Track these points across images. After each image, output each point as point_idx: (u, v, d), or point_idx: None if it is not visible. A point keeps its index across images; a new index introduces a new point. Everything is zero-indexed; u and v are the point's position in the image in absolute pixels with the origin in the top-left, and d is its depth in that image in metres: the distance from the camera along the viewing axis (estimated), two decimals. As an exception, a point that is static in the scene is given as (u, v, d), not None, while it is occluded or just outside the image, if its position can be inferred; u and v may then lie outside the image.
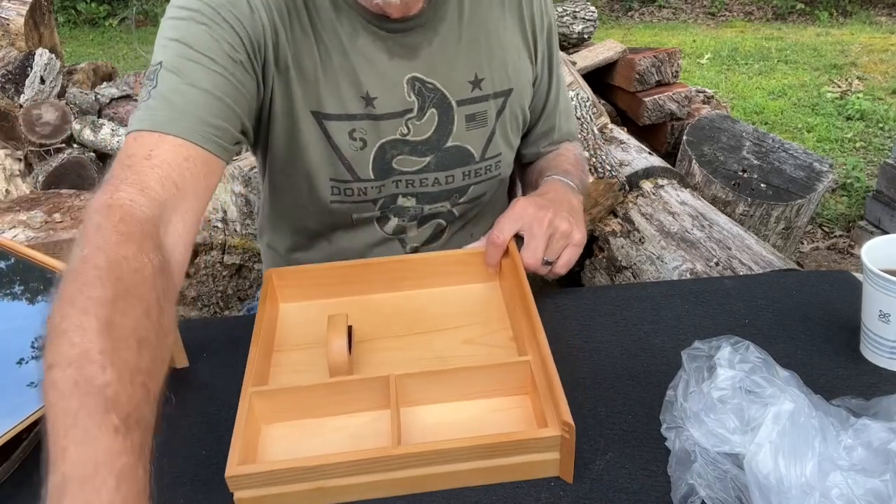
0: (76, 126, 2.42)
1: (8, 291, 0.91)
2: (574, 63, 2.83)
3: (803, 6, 6.05)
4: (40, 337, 0.83)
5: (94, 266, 0.59)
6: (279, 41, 0.85)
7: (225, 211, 2.16)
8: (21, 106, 2.45)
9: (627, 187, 2.21)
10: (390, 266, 0.94)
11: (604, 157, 2.11)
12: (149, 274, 0.62)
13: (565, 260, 0.90)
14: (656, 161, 2.32)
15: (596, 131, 2.28)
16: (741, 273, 1.71)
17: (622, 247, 2.07)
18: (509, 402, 0.78)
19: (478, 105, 0.96)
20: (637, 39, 5.47)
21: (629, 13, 6.36)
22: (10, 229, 1.93)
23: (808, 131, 3.83)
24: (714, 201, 2.35)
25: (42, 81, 2.53)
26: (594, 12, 3.13)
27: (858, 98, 4.09)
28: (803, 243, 2.84)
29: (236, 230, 2.14)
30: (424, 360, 0.84)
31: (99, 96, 2.56)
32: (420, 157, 0.96)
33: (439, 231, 1.06)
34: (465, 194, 1.02)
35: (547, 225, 0.88)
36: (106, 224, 0.64)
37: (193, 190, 0.74)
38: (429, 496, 0.69)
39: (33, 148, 2.42)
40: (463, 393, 0.77)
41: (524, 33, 1.00)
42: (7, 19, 2.70)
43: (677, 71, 2.92)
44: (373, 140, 0.92)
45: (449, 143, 0.96)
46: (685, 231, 1.95)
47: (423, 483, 0.69)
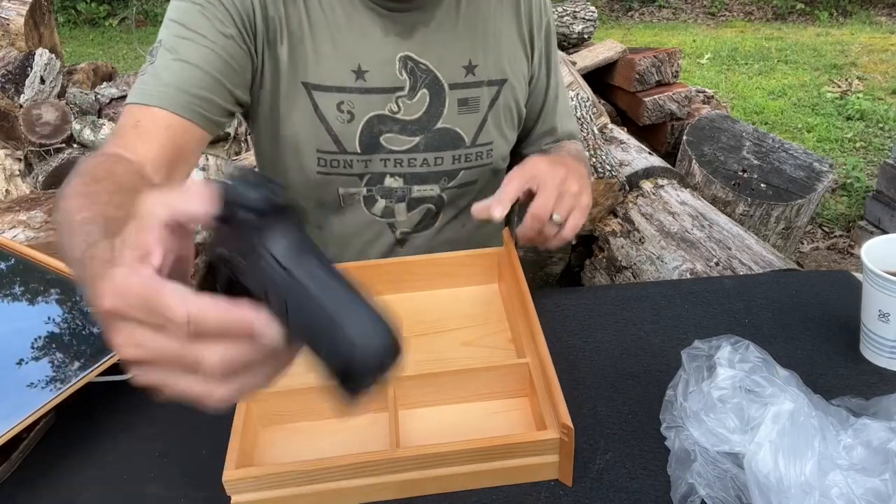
0: (76, 126, 2.42)
1: (8, 292, 0.91)
2: (574, 63, 2.83)
3: (803, 6, 6.05)
4: (40, 337, 0.83)
5: (83, 172, 0.72)
6: (268, 14, 0.89)
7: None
8: (21, 106, 2.45)
9: (627, 187, 2.21)
10: (389, 268, 0.94)
11: (604, 157, 2.12)
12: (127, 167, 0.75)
13: (573, 223, 0.84)
14: (656, 161, 2.32)
15: (596, 131, 2.28)
16: (741, 273, 1.71)
17: (622, 247, 2.07)
18: (508, 405, 0.78)
19: (470, 90, 0.98)
20: (637, 39, 5.47)
21: (629, 13, 6.36)
22: (10, 229, 1.93)
23: (808, 131, 3.83)
24: (714, 201, 2.35)
25: (42, 81, 2.53)
26: (594, 12, 3.13)
27: (858, 98, 4.09)
28: (803, 243, 2.84)
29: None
30: (423, 363, 0.84)
31: (99, 96, 2.56)
32: (410, 137, 0.97)
33: (429, 217, 1.05)
34: (455, 178, 1.02)
35: (560, 181, 0.83)
36: (93, 161, 0.76)
37: (175, 155, 0.82)
38: (427, 499, 0.69)
39: (33, 148, 2.42)
40: (462, 395, 0.77)
41: (520, 29, 1.01)
42: (7, 19, 2.70)
43: (677, 71, 2.92)
44: (361, 113, 0.94)
45: (439, 125, 0.98)
46: (685, 231, 1.95)
47: (422, 486, 0.69)
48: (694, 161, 2.49)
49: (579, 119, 2.27)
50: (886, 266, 0.79)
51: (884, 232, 2.71)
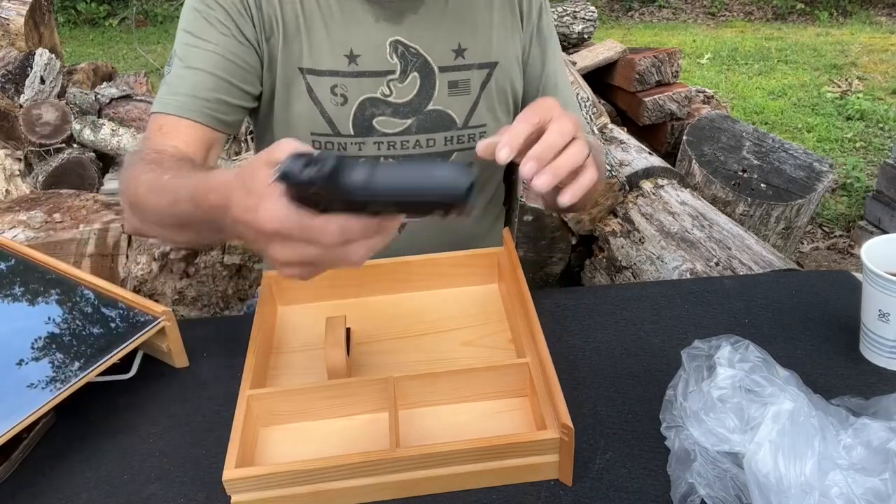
0: (76, 126, 2.42)
1: (8, 292, 0.91)
2: (574, 63, 2.83)
3: (803, 6, 6.05)
4: (40, 338, 0.83)
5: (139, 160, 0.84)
6: (263, 11, 0.93)
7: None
8: (21, 106, 2.45)
9: (627, 187, 2.21)
10: (389, 268, 0.94)
11: (604, 158, 2.11)
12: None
13: (582, 183, 0.73)
14: (656, 161, 2.32)
15: (596, 131, 2.28)
16: (741, 273, 1.71)
17: (622, 247, 2.07)
18: (508, 405, 0.78)
19: (460, 73, 1.00)
20: (637, 39, 5.47)
21: (629, 13, 6.36)
22: (10, 229, 1.93)
23: (808, 131, 3.83)
24: (714, 201, 2.35)
25: (42, 81, 2.53)
26: (594, 12, 3.13)
27: (858, 98, 4.08)
28: (803, 243, 2.84)
29: (236, 230, 2.13)
30: (423, 362, 0.84)
31: (99, 96, 2.55)
32: (402, 119, 0.99)
33: None
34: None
35: (572, 127, 0.72)
36: (138, 155, 0.86)
37: (199, 153, 0.91)
38: (428, 499, 0.69)
39: (33, 148, 2.42)
40: (462, 395, 0.77)
41: (513, 13, 1.02)
42: (7, 19, 2.70)
43: (677, 71, 2.92)
44: (353, 96, 0.97)
45: (430, 107, 0.99)
46: (685, 231, 1.95)
47: (422, 486, 0.69)
48: (694, 161, 2.49)
49: (579, 119, 2.27)
50: (886, 266, 0.79)
51: (884, 232, 2.71)
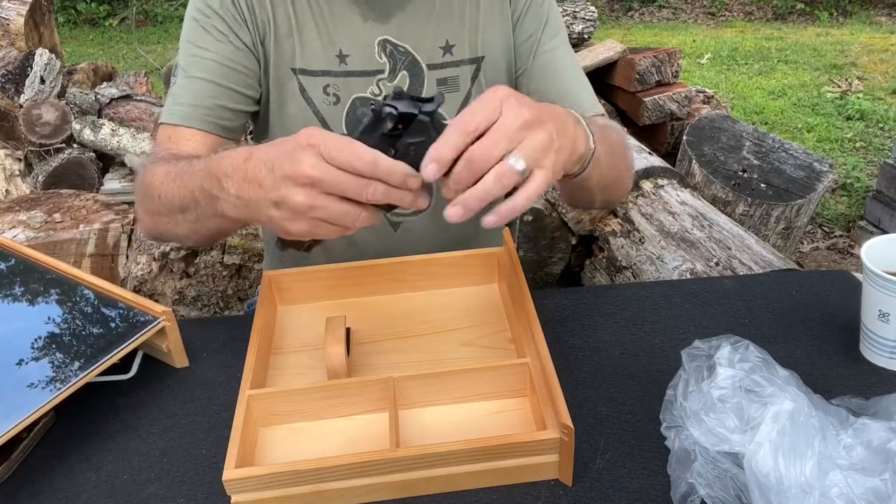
0: (76, 126, 2.42)
1: (8, 292, 0.91)
2: (574, 63, 2.83)
3: (803, 6, 6.05)
4: (40, 338, 0.83)
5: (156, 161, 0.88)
6: (256, 16, 0.95)
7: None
8: (21, 106, 2.45)
9: (627, 187, 2.20)
10: (388, 268, 0.94)
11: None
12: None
13: (511, 206, 0.64)
14: (656, 161, 2.32)
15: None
16: (741, 273, 1.71)
17: (622, 247, 2.07)
18: (508, 405, 0.78)
19: (449, 70, 1.00)
20: (637, 39, 5.47)
21: (629, 13, 6.35)
22: (10, 229, 1.93)
23: (808, 131, 3.82)
24: (714, 201, 2.35)
25: (42, 81, 2.53)
26: (594, 12, 3.13)
27: (858, 98, 4.08)
28: (803, 243, 2.84)
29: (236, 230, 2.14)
30: (423, 363, 0.84)
31: (99, 96, 2.55)
32: None
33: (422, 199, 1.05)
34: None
35: (513, 132, 0.62)
36: (154, 157, 0.91)
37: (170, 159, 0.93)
38: (427, 499, 0.69)
39: (33, 148, 2.42)
40: (462, 395, 0.77)
41: (504, 6, 1.00)
42: (7, 19, 2.70)
43: (677, 71, 2.92)
44: (345, 96, 0.98)
45: None
46: (685, 231, 1.95)
47: (422, 486, 0.69)
48: (694, 161, 2.49)
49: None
50: (886, 266, 0.79)
51: (884, 232, 2.71)
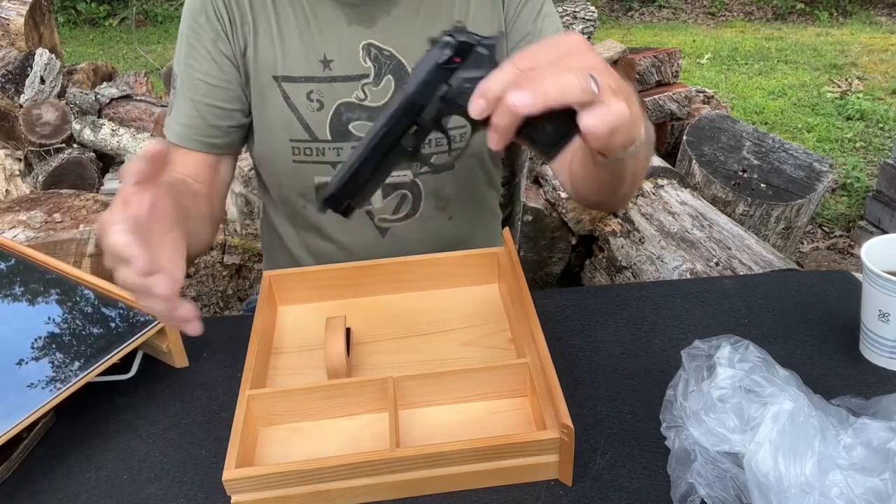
0: (76, 126, 2.42)
1: (8, 292, 0.91)
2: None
3: (803, 6, 6.05)
4: (40, 338, 0.83)
5: None
6: (236, 25, 0.96)
7: (225, 211, 2.16)
8: (21, 106, 2.45)
9: (627, 187, 2.20)
10: (388, 268, 0.94)
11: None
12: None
13: (599, 116, 0.56)
14: (656, 161, 2.32)
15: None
16: (741, 273, 1.71)
17: (622, 247, 2.07)
18: (508, 405, 0.78)
19: None
20: (637, 39, 5.47)
21: (629, 13, 6.35)
22: (10, 229, 1.93)
23: (808, 131, 3.83)
24: (714, 201, 2.35)
25: (42, 81, 2.53)
26: (594, 12, 3.13)
27: (858, 98, 4.08)
28: (803, 243, 2.84)
29: (236, 230, 2.14)
30: (423, 363, 0.84)
31: (99, 96, 2.55)
32: None
33: (407, 205, 1.05)
34: (426, 162, 1.01)
35: (560, 53, 0.57)
36: None
37: (204, 176, 0.98)
38: (427, 499, 0.69)
39: (33, 148, 2.42)
40: (462, 395, 0.77)
41: (496, 9, 1.00)
42: (7, 19, 2.70)
43: (677, 71, 2.92)
44: (329, 101, 0.97)
45: None
46: (685, 231, 1.95)
47: (422, 486, 0.69)
48: (694, 161, 2.49)
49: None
50: (886, 266, 0.79)
51: (884, 232, 2.71)
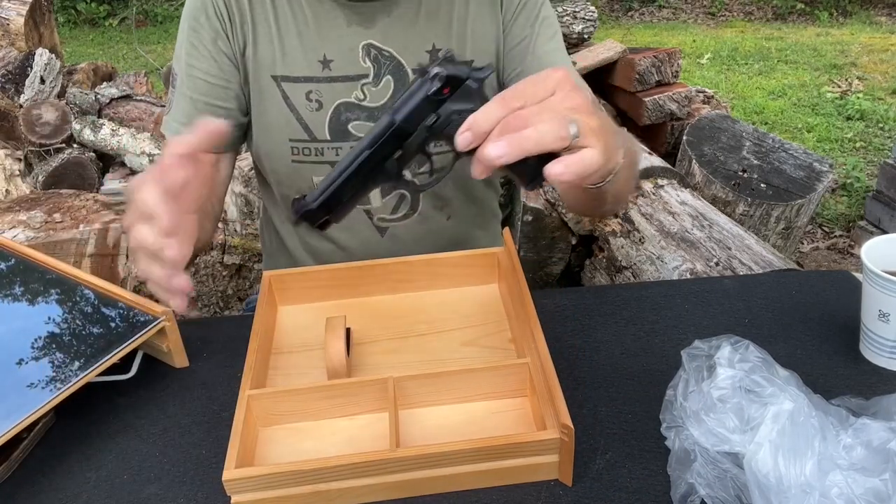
0: (76, 126, 2.42)
1: (8, 292, 0.91)
2: (574, 63, 2.83)
3: (803, 6, 6.05)
4: (40, 338, 0.83)
5: None
6: (235, 24, 0.96)
7: (225, 211, 2.16)
8: (21, 106, 2.45)
9: (627, 187, 2.20)
10: (388, 268, 0.94)
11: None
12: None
13: (567, 165, 0.58)
14: (656, 161, 2.32)
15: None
16: (741, 273, 1.71)
17: (622, 247, 2.07)
18: (508, 405, 0.78)
19: None
20: (637, 39, 5.47)
21: (629, 13, 6.35)
22: (10, 229, 1.93)
23: (808, 131, 3.83)
24: (714, 201, 2.35)
25: (42, 81, 2.53)
26: (594, 12, 3.13)
27: (858, 98, 4.09)
28: (803, 243, 2.84)
29: (236, 230, 2.14)
30: (423, 363, 0.84)
31: (99, 96, 2.55)
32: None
33: (406, 205, 1.05)
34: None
35: (546, 90, 0.60)
36: None
37: (200, 180, 0.93)
38: (428, 499, 0.69)
39: (33, 148, 2.42)
40: (462, 395, 0.77)
41: (495, 10, 1.00)
42: (7, 19, 2.70)
43: (677, 71, 2.92)
44: (328, 101, 0.98)
45: None
46: (685, 231, 1.95)
47: (422, 486, 0.69)
48: (694, 161, 2.49)
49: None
50: (886, 266, 0.79)
51: (884, 232, 2.71)
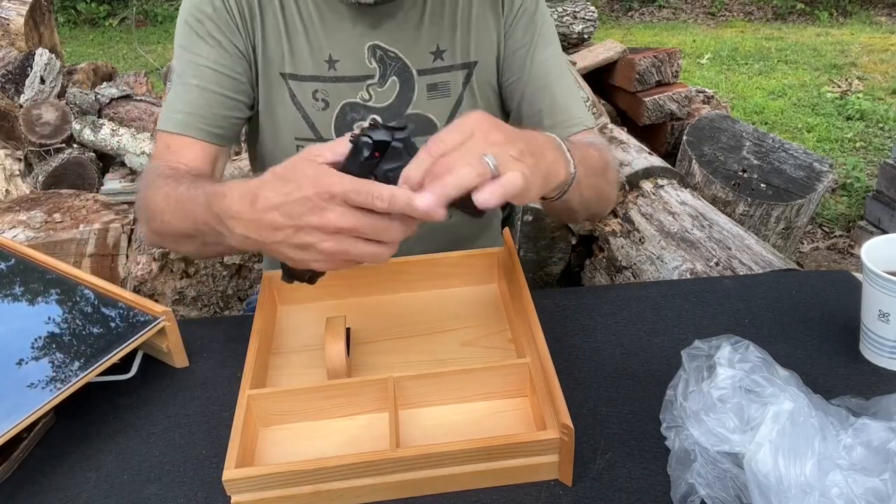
0: (76, 126, 2.42)
1: (8, 292, 0.91)
2: (574, 63, 2.83)
3: (803, 6, 6.05)
4: (40, 338, 0.83)
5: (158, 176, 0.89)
6: (246, 20, 0.95)
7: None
8: (21, 106, 2.45)
9: (627, 187, 2.21)
10: (389, 268, 0.94)
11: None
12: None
13: (491, 192, 0.60)
14: (656, 161, 2.32)
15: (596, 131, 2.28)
16: (741, 273, 1.71)
17: (622, 247, 2.07)
18: (508, 405, 0.78)
19: (439, 75, 1.00)
20: (637, 39, 5.47)
21: (629, 13, 6.35)
22: (10, 229, 1.93)
23: (808, 131, 3.83)
24: (714, 201, 2.35)
25: (42, 81, 2.53)
26: (594, 12, 3.13)
27: (858, 98, 4.09)
28: (803, 243, 2.84)
29: (236, 230, 2.13)
30: (423, 363, 0.84)
31: (99, 96, 2.55)
32: None
33: None
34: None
35: (465, 135, 0.62)
36: (154, 172, 0.91)
37: (204, 166, 0.95)
38: (428, 499, 0.69)
39: (33, 148, 2.42)
40: (462, 395, 0.77)
41: (496, 10, 1.00)
42: (7, 19, 2.70)
43: (677, 71, 2.92)
44: (335, 101, 0.98)
45: (410, 111, 1.00)
46: (685, 231, 1.95)
47: (422, 486, 0.69)
48: (694, 161, 2.49)
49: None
50: (886, 266, 0.79)
51: (884, 232, 2.71)
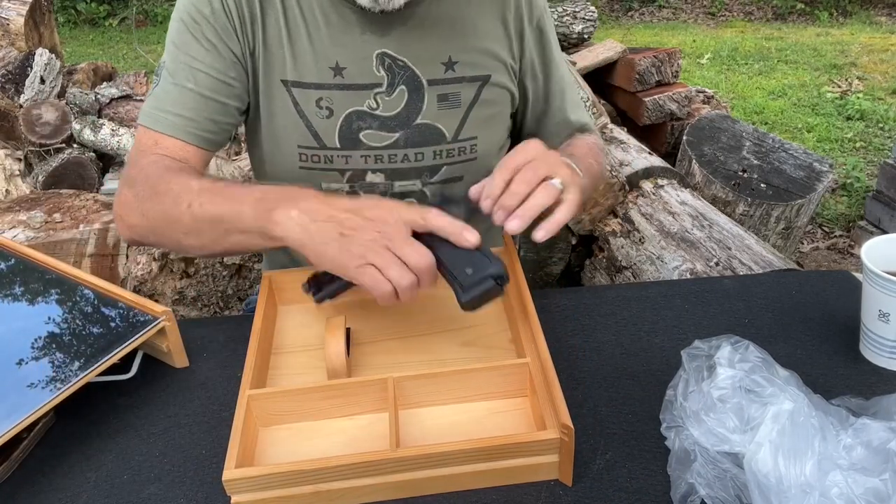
0: (76, 126, 2.42)
1: (8, 292, 0.91)
2: (574, 63, 2.83)
3: (803, 6, 6.05)
4: (40, 338, 0.83)
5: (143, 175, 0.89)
6: (245, 22, 0.93)
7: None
8: (21, 106, 2.45)
9: (627, 187, 2.21)
10: (390, 266, 0.93)
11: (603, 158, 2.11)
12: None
13: (555, 220, 0.78)
14: (656, 161, 2.32)
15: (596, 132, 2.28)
16: (741, 273, 1.71)
17: (622, 247, 2.07)
18: (508, 405, 0.78)
19: (450, 86, 0.98)
20: (637, 39, 5.47)
21: (629, 13, 6.36)
22: (10, 229, 1.93)
23: (808, 131, 3.83)
24: (714, 201, 2.36)
25: (42, 81, 2.53)
26: (594, 12, 3.13)
27: (858, 98, 4.09)
28: (803, 243, 2.84)
29: (236, 230, 2.13)
30: (423, 363, 0.84)
31: (99, 96, 2.55)
32: (389, 133, 0.98)
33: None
34: (437, 174, 1.02)
35: (543, 170, 0.79)
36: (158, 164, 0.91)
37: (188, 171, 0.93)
38: (428, 499, 0.69)
39: (33, 148, 2.42)
40: (462, 395, 0.77)
41: (506, 24, 1.00)
42: (7, 19, 2.70)
43: (677, 71, 2.92)
44: (339, 109, 0.96)
45: (419, 121, 0.98)
46: (685, 231, 1.95)
47: (422, 486, 0.69)
48: (694, 161, 2.49)
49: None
50: (886, 266, 0.79)
51: (884, 232, 2.71)
